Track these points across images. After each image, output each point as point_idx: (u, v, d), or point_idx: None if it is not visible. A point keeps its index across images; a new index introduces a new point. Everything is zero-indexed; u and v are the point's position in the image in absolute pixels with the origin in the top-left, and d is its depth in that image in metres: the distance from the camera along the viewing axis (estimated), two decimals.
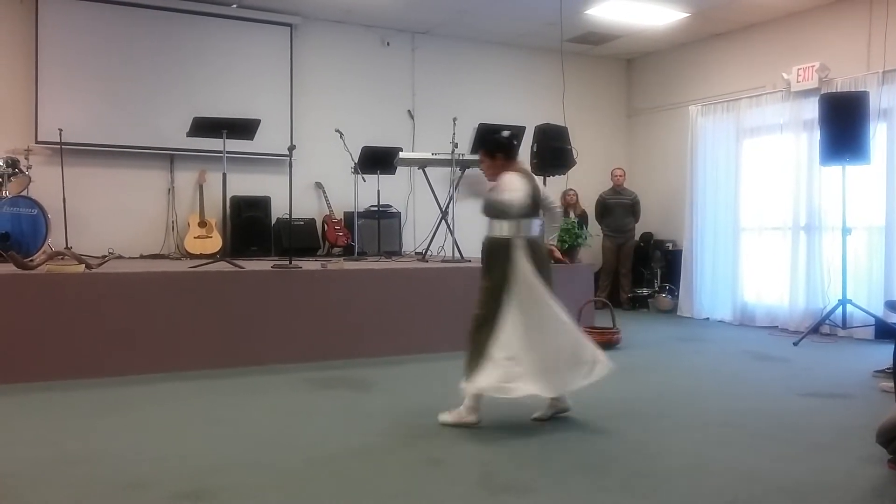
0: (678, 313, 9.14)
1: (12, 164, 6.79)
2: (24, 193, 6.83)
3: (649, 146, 10.49)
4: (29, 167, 7.01)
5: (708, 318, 8.80)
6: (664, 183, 10.00)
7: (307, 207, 8.63)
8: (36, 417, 4.15)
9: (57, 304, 5.05)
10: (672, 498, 2.97)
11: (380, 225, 8.17)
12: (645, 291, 9.75)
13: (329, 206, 8.72)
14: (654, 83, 10.42)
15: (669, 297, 9.43)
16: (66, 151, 7.44)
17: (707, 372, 5.74)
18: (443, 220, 7.57)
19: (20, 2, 7.60)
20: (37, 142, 7.46)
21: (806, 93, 7.88)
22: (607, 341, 6.56)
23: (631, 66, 10.82)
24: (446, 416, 3.94)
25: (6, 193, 6.59)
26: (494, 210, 3.95)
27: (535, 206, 4.04)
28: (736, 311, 8.53)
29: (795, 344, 6.83)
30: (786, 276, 8.03)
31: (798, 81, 7.95)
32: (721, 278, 8.78)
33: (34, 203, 6.63)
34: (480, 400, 3.91)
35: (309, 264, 6.43)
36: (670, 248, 9.73)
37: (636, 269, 9.85)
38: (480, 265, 4.11)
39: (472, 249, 7.21)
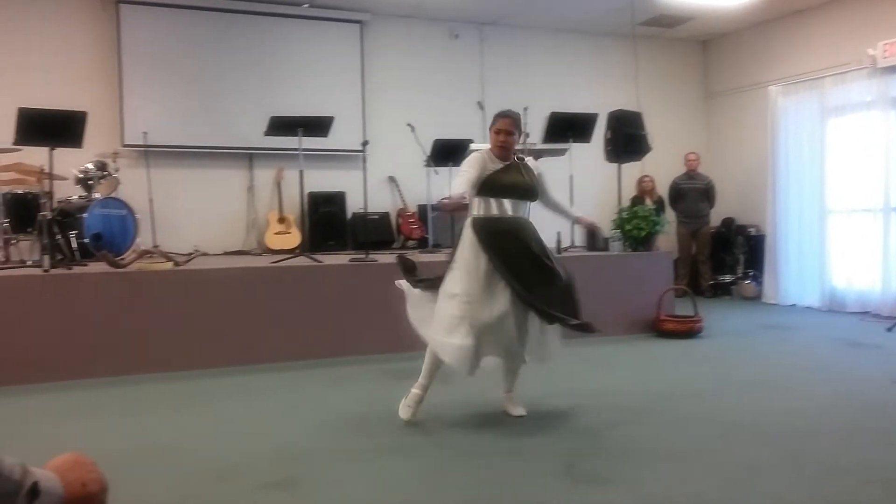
0: (763, 300, 8.88)
1: (101, 167, 7.07)
2: (113, 195, 7.11)
3: (728, 129, 10.19)
4: (117, 170, 7.29)
5: (795, 305, 8.52)
6: (745, 166, 9.71)
7: (381, 201, 8.73)
8: (127, 410, 4.34)
9: (147, 300, 5.26)
10: (761, 489, 2.89)
11: (453, 217, 8.17)
12: (727, 278, 9.49)
13: (402, 200, 8.80)
14: (731, 64, 10.11)
15: (753, 283, 9.16)
16: (150, 153, 7.73)
17: (795, 360, 5.55)
18: None
19: (102, 9, 7.92)
20: (123, 145, 7.77)
21: (893, 69, 7.52)
22: (688, 330, 6.45)
23: (707, 47, 10.52)
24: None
25: (97, 195, 6.87)
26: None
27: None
28: (824, 296, 8.23)
29: (889, 330, 6.54)
30: (878, 260, 7.69)
31: (885, 57, 7.59)
32: (808, 263, 8.48)
33: (123, 204, 6.89)
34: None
35: (384, 257, 6.50)
36: (753, 232, 9.45)
37: (717, 255, 9.60)
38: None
39: (546, 239, 7.17)
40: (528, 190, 3.90)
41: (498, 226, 3.80)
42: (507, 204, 3.82)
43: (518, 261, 3.73)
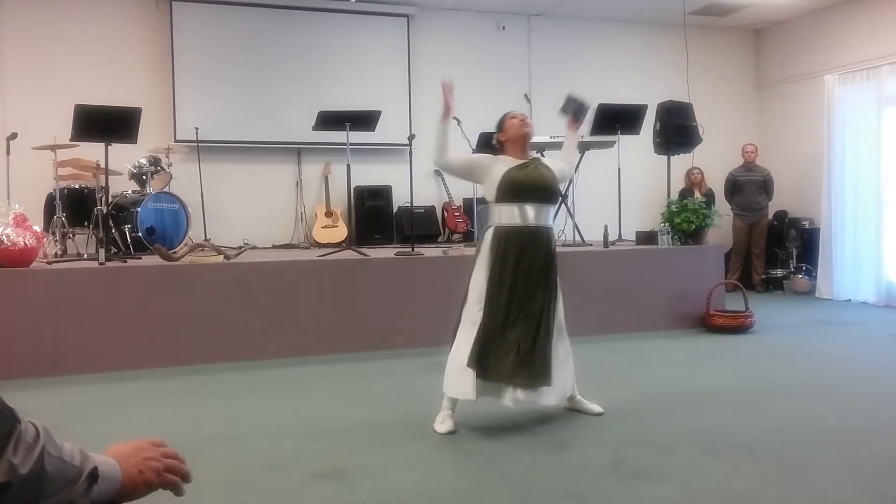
0: (816, 295, 8.67)
1: (155, 162, 7.23)
2: (166, 189, 7.27)
3: (781, 119, 9.96)
4: (170, 165, 7.46)
5: (849, 300, 8.30)
6: (798, 158, 9.48)
7: (427, 195, 8.75)
8: (182, 399, 4.43)
9: (198, 292, 5.37)
10: (815, 487, 2.83)
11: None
12: (780, 272, 9.29)
13: (448, 194, 8.81)
14: (785, 53, 9.87)
15: (806, 277, 8.95)
16: (202, 148, 7.87)
17: (850, 356, 5.42)
18: (562, 204, 7.48)
19: (156, 7, 8.09)
20: (176, 140, 7.93)
21: None
22: (739, 325, 6.33)
23: (760, 36, 10.29)
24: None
25: (150, 190, 7.03)
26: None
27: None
28: (880, 291, 8.00)
29: None
30: None
31: None
32: (864, 257, 8.25)
33: (175, 198, 7.04)
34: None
35: (430, 251, 6.53)
36: (807, 226, 9.23)
37: (770, 248, 9.41)
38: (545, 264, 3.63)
39: (593, 233, 7.13)
40: (551, 190, 3.64)
41: (519, 236, 3.52)
42: (530, 210, 3.54)
43: (518, 288, 3.49)
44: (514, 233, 3.54)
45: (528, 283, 3.53)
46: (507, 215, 3.57)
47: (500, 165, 3.62)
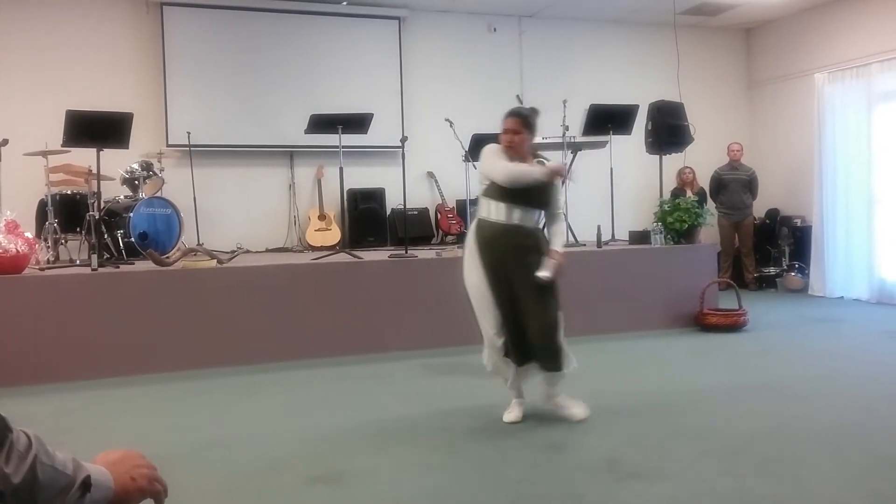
0: (809, 293, 8.70)
1: (147, 167, 7.20)
2: (158, 194, 7.24)
3: (772, 118, 9.99)
4: (162, 169, 7.42)
5: (842, 297, 8.33)
6: (789, 156, 9.51)
7: (420, 197, 8.75)
8: (177, 405, 4.42)
9: (192, 297, 5.35)
10: (809, 485, 2.84)
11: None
12: (772, 271, 9.32)
13: (441, 195, 8.81)
14: (775, 52, 9.91)
15: (799, 275, 8.98)
16: (194, 153, 7.85)
17: (843, 354, 5.44)
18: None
19: (147, 12, 8.07)
20: (168, 145, 7.90)
21: None
22: (732, 323, 6.35)
23: (750, 35, 10.33)
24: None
25: (142, 195, 7.00)
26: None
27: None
28: (873, 288, 8.03)
29: None
30: None
31: None
32: (855, 254, 8.28)
33: (168, 203, 7.01)
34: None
35: (424, 253, 6.53)
36: (798, 224, 9.26)
37: (762, 247, 9.43)
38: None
39: (587, 233, 7.15)
40: (531, 196, 3.65)
41: (494, 232, 3.66)
42: (509, 209, 3.64)
43: (508, 278, 3.67)
44: (495, 228, 3.68)
45: (504, 272, 3.67)
46: (492, 211, 3.70)
47: (501, 163, 3.72)
